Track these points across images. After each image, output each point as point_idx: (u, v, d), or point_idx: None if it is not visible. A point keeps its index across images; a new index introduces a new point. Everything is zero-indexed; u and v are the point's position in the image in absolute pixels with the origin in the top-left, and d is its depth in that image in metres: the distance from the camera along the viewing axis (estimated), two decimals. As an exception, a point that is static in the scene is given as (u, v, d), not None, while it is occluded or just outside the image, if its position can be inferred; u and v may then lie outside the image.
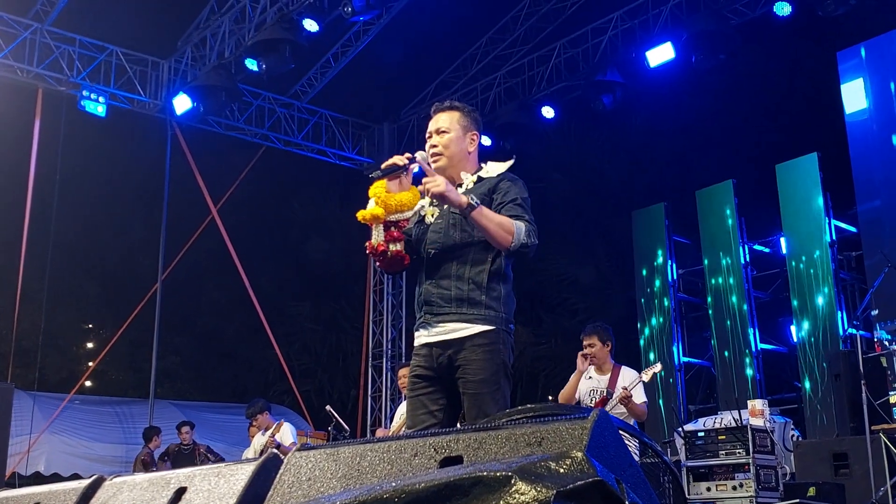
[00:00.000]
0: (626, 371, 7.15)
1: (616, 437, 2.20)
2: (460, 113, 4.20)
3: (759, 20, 12.16)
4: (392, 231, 4.01)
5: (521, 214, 3.90)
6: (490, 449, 2.22)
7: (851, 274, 13.02)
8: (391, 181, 4.04)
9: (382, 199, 3.98)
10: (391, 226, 4.01)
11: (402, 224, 4.06)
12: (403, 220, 4.05)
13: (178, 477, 2.86)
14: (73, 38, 13.65)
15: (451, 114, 4.19)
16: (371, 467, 2.37)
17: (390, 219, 4.00)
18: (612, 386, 7.05)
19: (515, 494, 1.79)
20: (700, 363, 14.65)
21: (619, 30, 13.35)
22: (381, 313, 16.57)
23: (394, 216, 4.00)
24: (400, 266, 4.08)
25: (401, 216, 4.02)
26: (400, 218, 4.02)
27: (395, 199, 3.99)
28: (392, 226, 4.01)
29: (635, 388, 6.93)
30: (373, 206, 4.00)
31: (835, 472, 8.35)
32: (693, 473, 8.24)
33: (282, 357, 16.34)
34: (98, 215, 22.22)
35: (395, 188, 4.03)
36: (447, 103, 4.26)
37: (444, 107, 4.23)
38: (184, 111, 13.96)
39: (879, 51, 12.19)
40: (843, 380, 9.50)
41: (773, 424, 9.22)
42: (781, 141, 15.90)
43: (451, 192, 3.81)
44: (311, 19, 12.26)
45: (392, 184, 4.04)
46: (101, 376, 23.94)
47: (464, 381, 3.89)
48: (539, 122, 14.44)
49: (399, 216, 4.01)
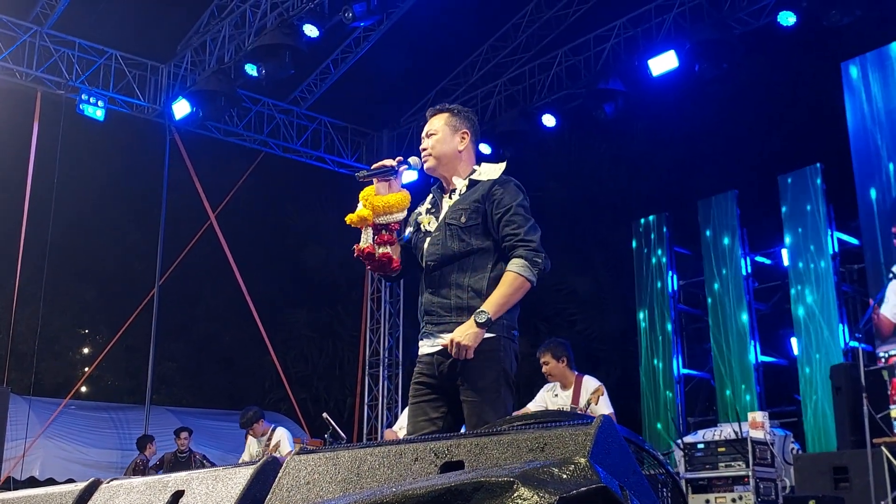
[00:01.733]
0: (586, 381, 7.10)
1: (620, 443, 2.18)
2: (449, 113, 4.20)
3: (762, 30, 12.14)
4: (383, 234, 4.00)
5: (514, 233, 3.88)
6: (492, 454, 2.20)
7: (853, 286, 12.96)
8: (381, 183, 4.03)
9: (370, 201, 3.96)
10: (382, 229, 4.00)
11: (393, 227, 4.03)
12: (394, 222, 4.02)
13: (176, 480, 2.86)
14: (72, 42, 13.64)
15: (441, 115, 4.20)
16: (371, 471, 2.34)
17: (379, 221, 3.98)
18: (575, 401, 7.01)
19: (518, 500, 1.76)
20: (700, 375, 14.60)
21: (622, 38, 13.32)
22: (379, 321, 16.53)
23: (382, 218, 3.98)
24: (388, 269, 4.07)
25: (390, 218, 3.99)
26: (389, 220, 4.00)
27: (381, 200, 3.97)
28: (383, 229, 4.00)
29: (600, 399, 6.88)
30: (360, 209, 3.98)
31: (835, 485, 8.30)
32: (692, 485, 8.20)
33: (278, 364, 16.28)
34: (95, 220, 22.20)
35: (385, 191, 4.02)
36: (438, 106, 4.28)
37: (435, 110, 4.25)
38: (182, 116, 13.95)
39: (883, 62, 12.15)
40: (844, 393, 9.43)
41: (773, 437, 9.16)
42: (784, 151, 15.90)
43: (474, 338, 3.78)
44: (312, 25, 12.24)
45: (381, 186, 4.03)
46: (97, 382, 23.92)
47: (464, 389, 3.86)
48: (540, 131, 14.42)
49: (388, 218, 3.99)
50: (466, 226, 3.95)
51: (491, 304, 3.80)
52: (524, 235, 3.88)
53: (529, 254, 3.85)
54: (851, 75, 12.41)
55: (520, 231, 3.88)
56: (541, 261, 3.86)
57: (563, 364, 7.09)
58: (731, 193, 14.04)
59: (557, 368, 7.09)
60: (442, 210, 4.09)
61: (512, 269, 3.84)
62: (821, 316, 12.46)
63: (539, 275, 3.86)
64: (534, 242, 3.87)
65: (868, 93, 12.25)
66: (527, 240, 3.87)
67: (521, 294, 3.85)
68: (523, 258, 3.84)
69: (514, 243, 3.88)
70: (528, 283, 3.83)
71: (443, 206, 4.11)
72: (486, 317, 3.77)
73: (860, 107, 12.29)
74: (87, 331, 26.17)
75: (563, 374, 7.11)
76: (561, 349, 7.12)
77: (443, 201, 4.13)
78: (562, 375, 7.11)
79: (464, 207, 3.99)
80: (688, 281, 14.89)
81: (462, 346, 3.75)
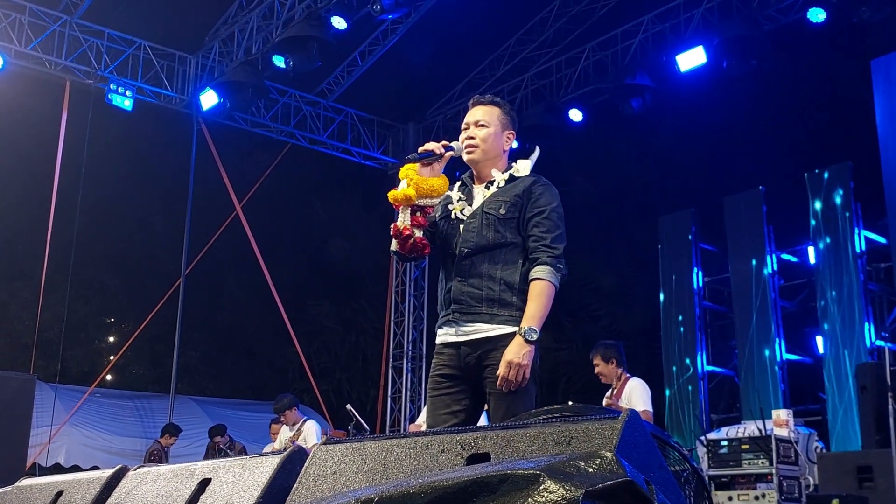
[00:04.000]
0: (631, 383, 7.27)
1: (646, 438, 2.18)
2: (501, 110, 4.16)
3: (792, 26, 12.05)
4: (417, 216, 3.95)
5: (541, 236, 3.89)
6: (518, 447, 2.20)
7: (880, 285, 12.87)
8: (424, 167, 3.99)
9: (415, 181, 3.93)
10: (417, 210, 3.95)
11: (428, 210, 4.00)
12: (430, 206, 3.99)
13: (203, 468, 2.87)
14: (101, 32, 13.71)
15: (492, 108, 4.15)
16: (397, 462, 2.34)
17: (419, 203, 3.94)
18: (616, 399, 7.16)
19: (544, 493, 1.76)
20: (724, 372, 14.53)
21: (650, 33, 13.25)
22: (403, 314, 16.54)
23: (423, 201, 3.94)
24: (419, 253, 4.02)
25: (429, 202, 3.96)
26: (428, 203, 3.97)
27: (427, 183, 3.94)
28: (418, 210, 3.96)
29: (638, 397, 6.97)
30: (405, 187, 3.94)
31: (859, 484, 8.24)
32: (715, 482, 8.17)
33: (302, 356, 16.33)
34: (122, 209, 22.34)
35: (428, 174, 3.98)
36: (488, 97, 4.22)
37: (486, 101, 4.19)
38: (210, 107, 14.00)
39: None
40: (870, 392, 9.36)
41: (797, 435, 9.12)
42: (812, 149, 15.78)
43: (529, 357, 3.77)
44: (340, 17, 12.25)
45: (424, 169, 3.99)
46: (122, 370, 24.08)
47: (491, 382, 3.84)
48: (566, 125, 14.38)
49: (427, 201, 3.96)
50: (505, 217, 3.94)
51: (534, 318, 3.79)
52: (550, 241, 3.89)
53: (553, 261, 3.86)
54: (881, 73, 12.30)
55: (547, 236, 3.89)
56: (563, 268, 3.89)
57: (612, 365, 7.31)
58: (758, 190, 13.95)
59: (607, 369, 7.33)
60: (474, 198, 4.08)
61: (541, 276, 3.84)
62: (847, 314, 12.38)
63: (559, 282, 3.88)
64: (557, 250, 3.89)
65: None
66: (552, 246, 3.88)
67: (552, 300, 3.86)
68: (549, 265, 3.86)
69: (538, 246, 3.89)
70: (553, 290, 3.85)
71: (475, 194, 4.09)
72: (535, 334, 3.78)
73: (890, 105, 12.19)
74: (112, 319, 26.35)
75: (612, 374, 7.31)
76: (608, 351, 7.36)
77: (475, 190, 4.12)
78: (612, 376, 7.31)
79: (504, 199, 3.98)
80: (713, 277, 14.82)
81: (521, 366, 3.74)
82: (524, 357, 3.74)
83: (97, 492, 3.16)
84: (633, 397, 7.06)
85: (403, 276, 16.61)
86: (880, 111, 12.29)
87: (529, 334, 3.76)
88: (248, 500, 2.52)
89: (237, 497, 2.58)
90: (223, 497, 2.64)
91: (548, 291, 3.84)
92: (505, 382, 3.73)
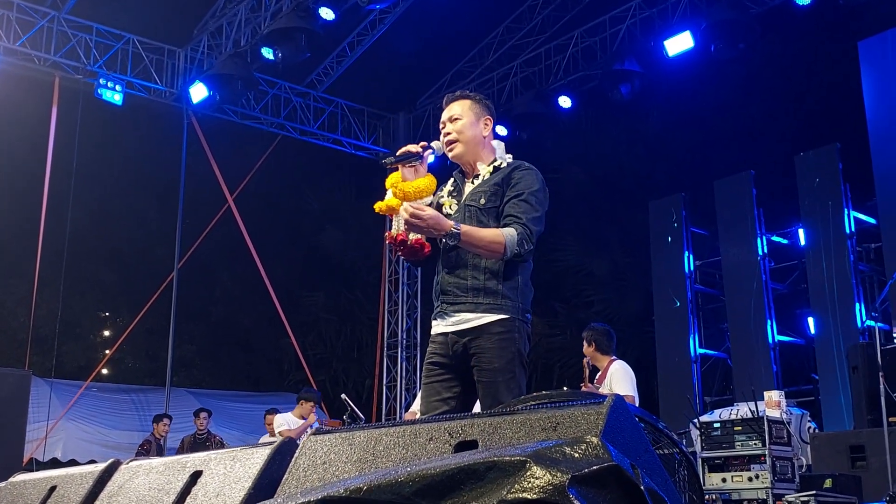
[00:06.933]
0: (614, 366, 7.22)
1: (632, 422, 2.20)
2: (471, 100, 4.22)
3: (779, 9, 12.06)
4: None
5: (517, 215, 3.90)
6: (505, 434, 2.22)
7: (870, 266, 12.91)
8: (407, 169, 4.04)
9: (399, 188, 3.97)
10: None
11: None
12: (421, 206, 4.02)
13: (194, 461, 2.89)
14: (89, 27, 13.66)
15: (462, 101, 4.21)
16: (386, 451, 2.37)
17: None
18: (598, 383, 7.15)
19: (530, 479, 1.78)
20: (716, 355, 14.59)
21: (638, 18, 13.26)
22: (397, 303, 16.57)
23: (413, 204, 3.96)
24: (420, 254, 4.05)
25: (419, 202, 3.97)
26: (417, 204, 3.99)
27: (411, 186, 3.98)
28: None
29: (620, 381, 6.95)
30: (390, 197, 3.99)
31: (852, 464, 8.28)
32: (709, 464, 8.20)
33: (297, 346, 16.36)
34: (114, 203, 22.27)
35: (411, 176, 4.03)
36: (458, 92, 4.30)
37: (455, 96, 4.26)
38: (200, 100, 13.98)
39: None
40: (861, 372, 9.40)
41: (790, 416, 9.15)
42: (801, 131, 15.79)
43: (437, 223, 3.77)
44: (327, 7, 12.25)
45: (408, 171, 4.04)
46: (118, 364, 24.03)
47: (478, 370, 3.90)
48: (556, 112, 14.38)
49: (417, 203, 3.97)
50: (485, 207, 3.99)
51: (468, 233, 3.81)
52: (525, 220, 3.91)
53: (523, 233, 3.86)
54: (868, 55, 12.32)
55: (522, 217, 3.91)
56: (526, 247, 3.88)
57: (591, 348, 7.27)
58: (747, 174, 13.98)
59: (590, 351, 7.28)
60: (464, 194, 4.13)
61: (502, 233, 3.85)
62: (838, 295, 12.43)
63: (515, 257, 3.86)
64: (530, 230, 3.89)
65: (886, 72, 12.18)
66: (526, 224, 3.89)
67: (489, 249, 3.84)
68: (516, 233, 3.86)
69: (511, 221, 3.90)
70: (502, 250, 3.83)
71: (465, 190, 4.14)
72: (455, 239, 3.79)
73: (877, 86, 12.22)
74: (107, 314, 26.29)
75: (595, 357, 7.27)
76: (590, 334, 7.32)
77: (465, 185, 4.17)
78: (596, 359, 7.27)
79: (484, 190, 4.04)
80: (704, 261, 14.86)
81: (421, 217, 3.75)
82: (430, 217, 3.75)
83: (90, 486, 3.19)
84: (613, 381, 7.03)
85: (397, 265, 16.64)
86: (868, 93, 12.31)
87: (453, 229, 3.77)
88: (239, 491, 2.55)
89: (228, 489, 2.61)
90: (215, 489, 2.67)
91: (495, 238, 3.84)
92: (406, 225, 3.79)
